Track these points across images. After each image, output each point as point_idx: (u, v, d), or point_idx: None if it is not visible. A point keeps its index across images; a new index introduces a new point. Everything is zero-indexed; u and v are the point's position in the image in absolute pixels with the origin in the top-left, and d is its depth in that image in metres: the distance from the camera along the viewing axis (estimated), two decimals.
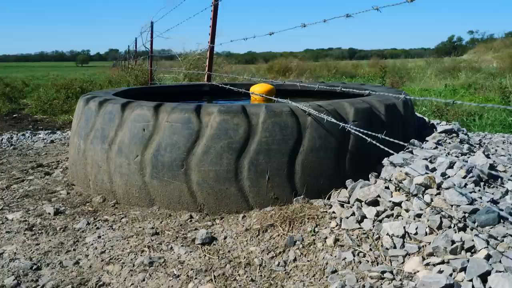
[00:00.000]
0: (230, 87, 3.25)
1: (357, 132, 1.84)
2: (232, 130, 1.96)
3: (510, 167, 2.29)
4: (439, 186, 1.79)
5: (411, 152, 2.19)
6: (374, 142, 1.78)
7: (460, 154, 2.25)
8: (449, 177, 1.86)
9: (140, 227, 1.94)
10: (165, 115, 2.05)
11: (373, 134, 1.83)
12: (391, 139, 1.65)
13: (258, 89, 3.19)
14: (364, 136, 1.82)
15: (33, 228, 1.99)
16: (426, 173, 1.86)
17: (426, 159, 2.04)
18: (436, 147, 2.31)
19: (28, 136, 5.77)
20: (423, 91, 15.36)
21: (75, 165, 2.45)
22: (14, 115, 9.51)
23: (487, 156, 2.16)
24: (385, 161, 2.16)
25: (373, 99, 2.29)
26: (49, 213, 2.11)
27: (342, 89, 2.20)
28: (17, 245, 1.83)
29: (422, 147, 2.30)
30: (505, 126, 7.41)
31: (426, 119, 3.05)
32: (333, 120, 1.99)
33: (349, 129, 1.96)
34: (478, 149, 2.53)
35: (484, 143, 2.82)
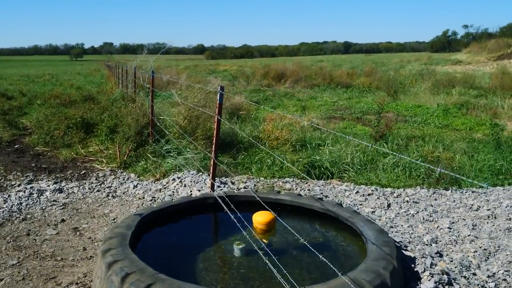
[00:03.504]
0: (233, 201, 3.55)
1: None
2: None
3: None
4: None
5: None
6: None
7: None
8: None
9: None
10: None
11: None
12: None
13: (259, 219, 3.49)
14: None
15: None
16: None
17: None
18: None
19: (36, 200, 6.04)
20: (416, 108, 15.73)
21: None
22: (16, 146, 9.75)
23: None
24: None
25: (364, 280, 2.59)
26: None
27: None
28: None
29: None
30: (494, 172, 7.75)
31: (412, 255, 3.37)
32: None
33: None
34: None
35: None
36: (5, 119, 12.06)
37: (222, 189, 5.67)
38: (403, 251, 3.45)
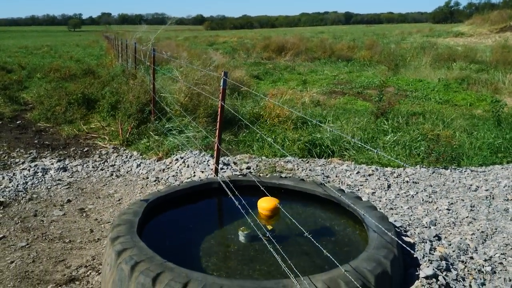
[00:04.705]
0: (239, 182, 3.65)
1: None
2: None
3: None
4: None
5: None
6: None
7: None
8: None
9: None
10: None
11: None
12: None
13: (264, 205, 3.59)
14: None
15: None
16: None
17: None
18: None
19: (41, 179, 6.12)
20: (417, 82, 15.71)
21: None
22: (18, 122, 9.80)
23: None
24: None
25: (365, 269, 2.69)
26: None
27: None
28: None
29: None
30: (492, 151, 7.83)
31: (412, 241, 3.48)
32: None
33: None
34: None
35: (462, 277, 3.22)
36: (6, 94, 12.05)
37: (225, 171, 5.75)
38: (403, 237, 3.55)
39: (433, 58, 17.88)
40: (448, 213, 4.91)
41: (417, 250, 3.36)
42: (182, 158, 6.47)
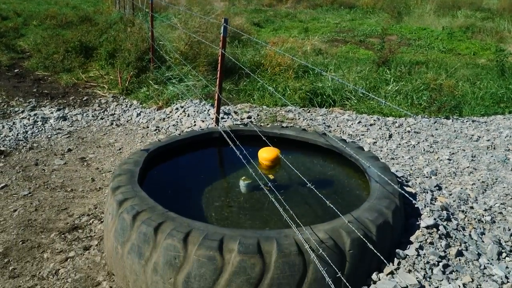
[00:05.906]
0: (240, 132, 3.63)
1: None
2: (250, 268, 2.41)
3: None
4: None
5: (398, 267, 2.66)
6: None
7: (436, 262, 2.73)
8: None
9: None
10: (193, 248, 2.47)
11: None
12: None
13: (265, 155, 3.57)
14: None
15: None
16: None
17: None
18: (418, 254, 2.77)
19: (41, 128, 6.09)
20: (421, 30, 15.40)
21: (113, 259, 2.90)
22: (16, 70, 9.67)
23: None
24: (374, 276, 2.63)
25: (367, 219, 2.69)
26: None
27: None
28: None
29: (406, 255, 2.76)
30: (495, 101, 7.78)
31: (413, 191, 3.49)
32: (332, 252, 2.45)
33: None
34: (454, 242, 2.99)
35: (462, 227, 3.24)
36: (2, 41, 11.81)
37: (225, 120, 5.71)
38: (404, 187, 3.55)
39: (437, 5, 17.44)
40: (449, 163, 4.91)
41: (418, 200, 3.37)
42: (182, 107, 6.41)
